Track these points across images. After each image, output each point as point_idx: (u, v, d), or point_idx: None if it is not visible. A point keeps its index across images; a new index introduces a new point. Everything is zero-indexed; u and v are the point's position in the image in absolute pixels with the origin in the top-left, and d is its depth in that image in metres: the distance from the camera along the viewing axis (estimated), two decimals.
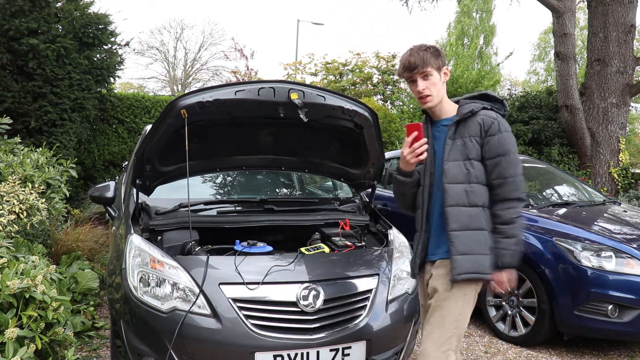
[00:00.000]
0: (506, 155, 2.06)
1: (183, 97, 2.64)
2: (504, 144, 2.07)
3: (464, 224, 2.06)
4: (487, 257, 2.07)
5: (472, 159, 2.10)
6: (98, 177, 8.18)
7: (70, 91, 6.78)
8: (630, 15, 8.11)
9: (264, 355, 2.33)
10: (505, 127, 2.11)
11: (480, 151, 2.10)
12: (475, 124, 2.11)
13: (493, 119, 2.11)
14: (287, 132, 3.12)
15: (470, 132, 2.11)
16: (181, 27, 29.73)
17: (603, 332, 3.63)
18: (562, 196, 5.05)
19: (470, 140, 2.10)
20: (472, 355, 3.75)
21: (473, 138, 2.10)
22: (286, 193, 4.44)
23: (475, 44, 21.29)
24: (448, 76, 2.21)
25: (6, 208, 3.44)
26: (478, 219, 2.07)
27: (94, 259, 4.88)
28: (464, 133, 2.12)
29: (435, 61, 2.12)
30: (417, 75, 2.12)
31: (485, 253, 2.07)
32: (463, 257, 2.05)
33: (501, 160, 2.06)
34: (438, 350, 2.05)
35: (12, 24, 6.20)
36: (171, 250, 2.78)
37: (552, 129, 8.81)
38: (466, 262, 2.05)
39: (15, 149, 4.77)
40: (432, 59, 2.12)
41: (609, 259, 3.59)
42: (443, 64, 2.16)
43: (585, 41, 9.90)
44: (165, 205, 3.12)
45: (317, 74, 15.12)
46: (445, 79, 2.18)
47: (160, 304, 2.41)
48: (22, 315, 2.38)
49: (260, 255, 2.70)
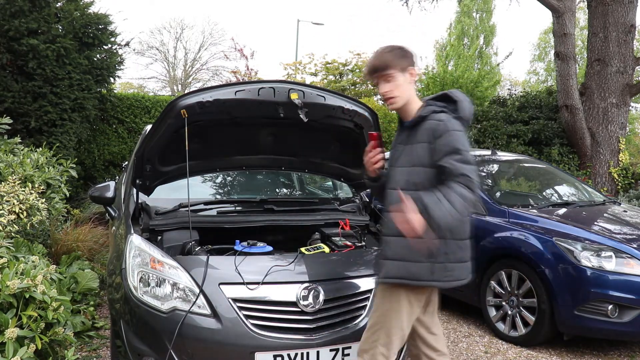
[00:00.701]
0: (454, 154, 1.97)
1: (183, 97, 2.64)
2: (451, 143, 1.98)
3: (397, 230, 1.99)
4: (420, 265, 2.04)
5: (418, 165, 2.05)
6: (98, 177, 8.18)
7: (70, 91, 6.78)
8: (630, 15, 8.11)
9: (264, 355, 2.33)
10: (453, 127, 2.02)
11: (428, 157, 2.04)
12: (424, 129, 2.06)
13: (440, 121, 2.04)
14: (287, 132, 3.12)
15: (419, 138, 2.07)
16: (181, 27, 29.78)
17: (603, 332, 3.63)
18: (562, 196, 5.05)
19: (419, 146, 2.06)
20: (472, 355, 3.75)
21: (422, 144, 2.06)
22: (286, 193, 4.44)
23: (476, 44, 21.31)
24: (415, 76, 2.17)
25: (6, 208, 3.44)
26: None
27: (94, 259, 4.88)
28: (414, 139, 2.09)
29: (399, 62, 2.10)
30: (380, 78, 2.12)
31: (417, 261, 2.04)
32: (391, 262, 2.09)
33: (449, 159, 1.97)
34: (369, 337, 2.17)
35: (12, 24, 6.20)
36: (171, 250, 2.78)
37: (552, 129, 8.81)
38: (393, 267, 2.09)
39: (15, 149, 4.77)
40: (396, 60, 2.10)
41: (609, 259, 3.59)
42: (409, 64, 2.13)
43: (585, 41, 9.90)
44: (165, 205, 3.12)
45: (317, 74, 15.13)
46: (413, 79, 2.15)
47: (160, 304, 2.41)
48: (22, 315, 2.38)
49: (260, 255, 2.70)
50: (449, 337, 4.09)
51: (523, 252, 3.89)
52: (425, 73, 13.44)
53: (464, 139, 2.02)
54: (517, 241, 3.96)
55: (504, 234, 4.07)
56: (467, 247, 2.16)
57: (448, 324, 4.39)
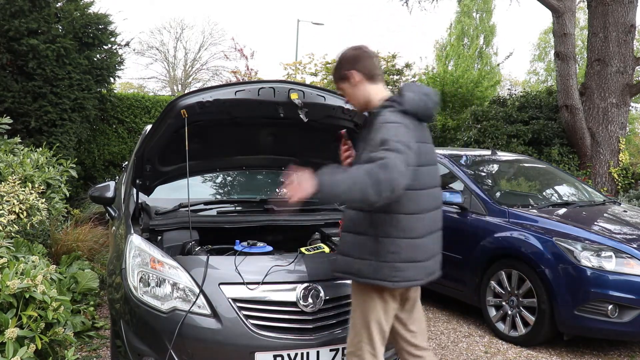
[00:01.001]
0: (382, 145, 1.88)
1: (183, 97, 2.64)
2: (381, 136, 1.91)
3: (347, 227, 2.13)
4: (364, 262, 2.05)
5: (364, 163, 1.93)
6: (98, 177, 8.18)
7: (70, 91, 6.78)
8: (630, 15, 8.10)
9: (264, 355, 2.33)
10: (387, 119, 1.97)
11: None
12: (370, 127, 2.06)
13: (380, 116, 2.02)
14: (287, 132, 3.12)
15: (365, 137, 2.09)
16: (181, 27, 29.75)
17: (603, 332, 3.63)
18: (562, 196, 5.05)
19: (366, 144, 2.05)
20: (472, 355, 3.75)
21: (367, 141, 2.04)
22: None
23: (476, 44, 21.32)
24: (356, 77, 2.15)
25: (6, 208, 3.44)
26: (360, 223, 2.07)
27: (94, 259, 4.88)
28: (367, 136, 2.07)
29: (337, 74, 2.21)
30: None
31: (362, 258, 2.05)
32: (341, 257, 2.16)
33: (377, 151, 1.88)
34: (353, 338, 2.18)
35: (12, 24, 6.21)
36: (171, 250, 2.78)
37: (552, 129, 8.80)
38: (342, 262, 2.15)
39: (15, 149, 4.77)
40: (336, 74, 2.22)
41: (609, 259, 3.59)
42: (346, 70, 2.16)
43: (585, 41, 9.90)
44: (165, 205, 3.12)
45: (317, 74, 15.11)
46: (357, 81, 2.15)
47: (160, 304, 2.41)
48: (22, 315, 2.38)
49: (260, 255, 2.70)
50: (449, 337, 4.09)
51: (523, 252, 3.89)
52: (425, 73, 13.42)
53: (397, 130, 1.94)
54: (517, 241, 3.96)
55: (504, 234, 4.07)
56: (422, 246, 2.08)
57: (448, 324, 4.39)
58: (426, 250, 2.11)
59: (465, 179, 4.59)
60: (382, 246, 2.02)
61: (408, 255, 2.04)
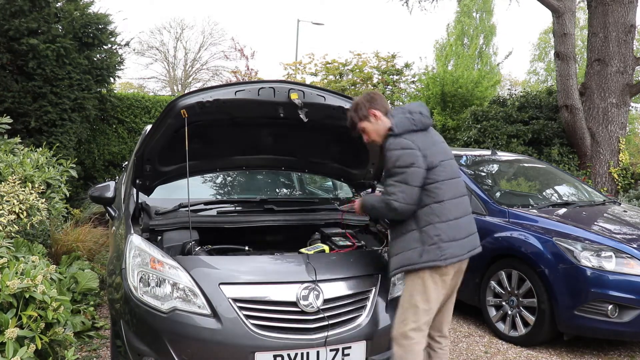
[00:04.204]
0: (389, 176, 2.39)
1: (183, 97, 2.64)
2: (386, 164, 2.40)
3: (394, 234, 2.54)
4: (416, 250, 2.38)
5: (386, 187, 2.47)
6: (98, 177, 8.18)
7: (70, 91, 6.78)
8: (630, 15, 8.10)
9: (264, 355, 2.33)
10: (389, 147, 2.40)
11: None
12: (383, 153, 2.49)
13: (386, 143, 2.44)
14: (287, 132, 3.12)
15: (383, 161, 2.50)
16: (181, 27, 29.75)
17: (603, 332, 3.63)
18: (562, 196, 5.05)
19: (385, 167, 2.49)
20: (472, 355, 3.75)
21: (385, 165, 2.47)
22: (286, 193, 4.44)
23: (475, 44, 21.32)
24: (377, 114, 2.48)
25: (6, 208, 3.44)
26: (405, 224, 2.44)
27: (94, 259, 4.88)
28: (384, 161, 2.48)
29: (361, 114, 2.50)
30: (358, 132, 2.57)
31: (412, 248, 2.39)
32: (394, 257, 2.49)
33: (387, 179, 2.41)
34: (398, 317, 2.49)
35: (12, 24, 6.20)
36: (171, 250, 2.78)
37: (552, 129, 8.80)
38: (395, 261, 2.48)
39: (15, 149, 4.76)
40: (356, 115, 2.53)
41: (609, 259, 3.59)
42: (368, 108, 2.49)
43: (585, 41, 9.89)
44: (165, 205, 3.12)
45: (317, 74, 15.11)
46: (378, 117, 2.48)
47: (160, 304, 2.41)
48: (22, 315, 2.37)
49: (261, 256, 2.70)
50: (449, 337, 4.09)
51: (523, 252, 3.89)
52: (425, 73, 13.41)
53: (399, 154, 2.35)
54: (517, 241, 3.96)
55: (504, 234, 4.07)
56: (459, 226, 2.43)
57: None
58: (463, 229, 2.45)
59: (465, 179, 4.59)
60: (426, 234, 2.37)
61: (448, 235, 2.38)
